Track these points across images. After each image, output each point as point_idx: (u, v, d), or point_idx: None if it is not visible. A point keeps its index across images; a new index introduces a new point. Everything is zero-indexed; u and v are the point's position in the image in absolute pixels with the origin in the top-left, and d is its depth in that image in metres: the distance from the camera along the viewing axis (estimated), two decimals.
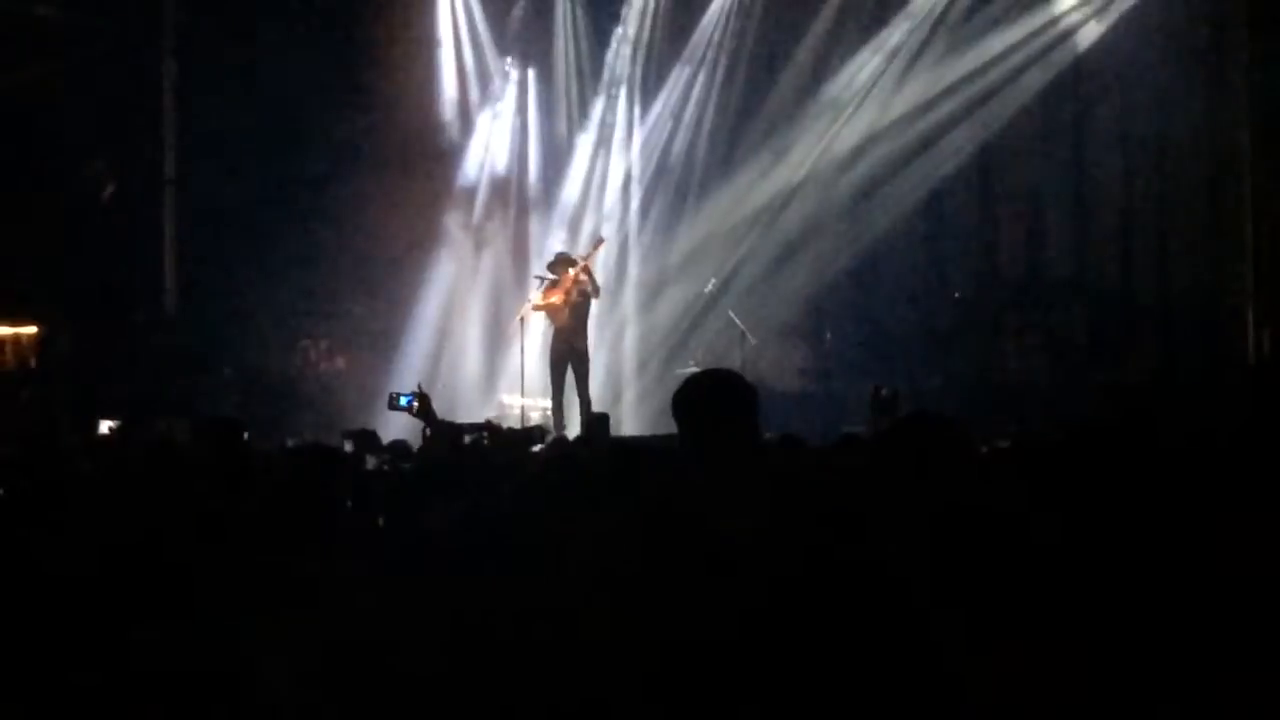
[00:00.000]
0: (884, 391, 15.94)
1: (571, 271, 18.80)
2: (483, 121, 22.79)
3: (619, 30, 22.66)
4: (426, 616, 4.05)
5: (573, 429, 17.78)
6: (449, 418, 15.15)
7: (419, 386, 15.25)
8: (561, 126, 23.11)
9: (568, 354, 18.71)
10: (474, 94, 22.72)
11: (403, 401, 15.43)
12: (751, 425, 4.50)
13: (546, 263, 19.50)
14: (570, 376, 18.70)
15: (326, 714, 3.82)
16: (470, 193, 22.63)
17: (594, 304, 19.25)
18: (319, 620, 4.08)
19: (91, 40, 19.33)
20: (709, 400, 4.49)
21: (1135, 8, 19.86)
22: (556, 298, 18.76)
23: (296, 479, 5.46)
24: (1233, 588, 3.60)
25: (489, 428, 13.08)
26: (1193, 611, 3.55)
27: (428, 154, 22.19)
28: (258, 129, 20.43)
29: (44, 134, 18.98)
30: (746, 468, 4.32)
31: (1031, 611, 3.65)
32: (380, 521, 5.61)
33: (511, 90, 22.94)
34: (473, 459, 9.41)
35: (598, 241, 20.13)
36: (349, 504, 6.37)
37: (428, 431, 12.32)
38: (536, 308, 19.24)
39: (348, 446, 10.46)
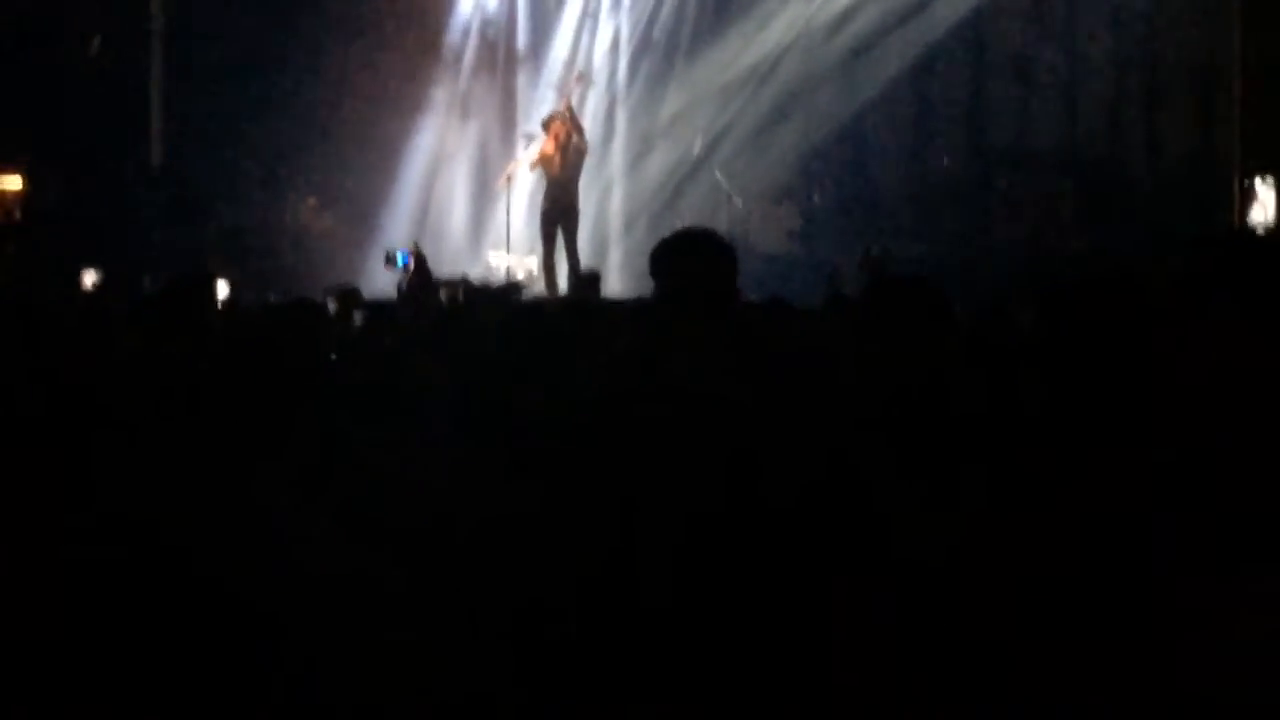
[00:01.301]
0: (873, 250, 15.98)
1: (558, 121, 18.71)
2: None
3: None
4: (394, 473, 4.07)
5: (564, 286, 17.76)
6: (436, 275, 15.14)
7: (414, 244, 15.24)
8: None
9: (559, 211, 18.59)
10: None
11: (399, 259, 15.47)
12: (729, 285, 4.49)
13: (541, 121, 19.40)
14: (559, 236, 18.63)
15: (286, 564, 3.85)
16: (458, 51, 22.48)
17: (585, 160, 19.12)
18: (293, 474, 4.10)
19: None
20: (685, 257, 4.47)
21: None
22: (548, 145, 18.65)
23: (277, 333, 5.45)
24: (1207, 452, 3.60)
25: (464, 283, 13.05)
26: (1169, 484, 3.55)
27: (416, 11, 22.02)
28: None
29: None
30: (720, 327, 4.31)
31: (1005, 479, 3.66)
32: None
33: None
34: (445, 314, 9.41)
35: (577, 76, 19.96)
36: (333, 358, 6.36)
37: (403, 286, 12.32)
38: (532, 165, 19.16)
39: (331, 305, 10.45)
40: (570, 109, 18.80)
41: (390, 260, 15.79)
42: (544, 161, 18.69)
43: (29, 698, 3.70)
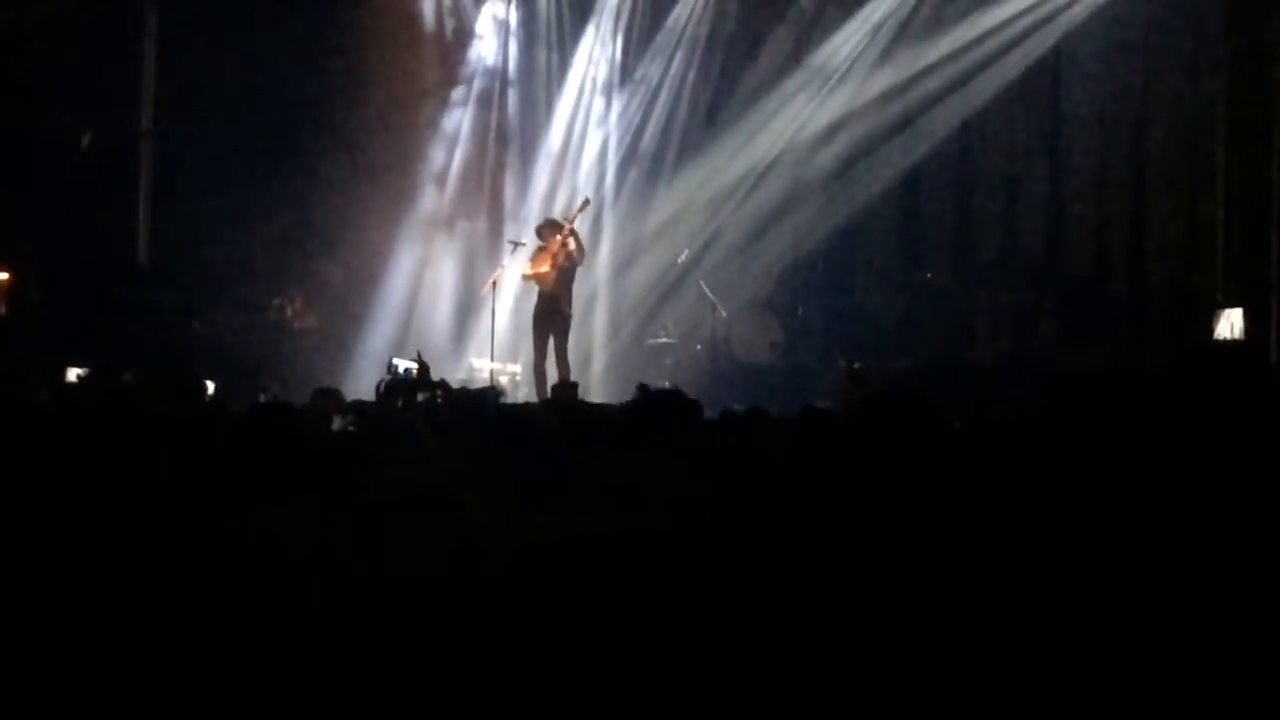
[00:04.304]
0: (856, 365, 16.03)
1: (558, 237, 18.82)
2: (461, 86, 22.71)
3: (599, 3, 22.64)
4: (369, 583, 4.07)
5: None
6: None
7: (418, 355, 15.29)
8: (540, 94, 23.05)
9: (551, 319, 18.71)
10: (454, 56, 22.69)
11: (401, 371, 15.51)
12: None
13: (535, 227, 19.51)
14: (550, 342, 18.73)
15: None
16: (448, 153, 22.54)
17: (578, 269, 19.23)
18: (275, 575, 4.10)
19: None
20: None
21: None
22: (545, 265, 18.77)
23: (259, 435, 5.46)
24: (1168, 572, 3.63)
25: (442, 387, 13.05)
26: (1134, 596, 3.58)
27: (405, 116, 22.12)
28: (236, 85, 20.37)
29: (22, 81, 18.90)
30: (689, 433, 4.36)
31: (978, 588, 3.68)
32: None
33: (492, 44, 22.88)
34: (422, 417, 9.41)
35: (583, 203, 20.13)
36: (316, 460, 6.35)
37: (382, 388, 12.34)
38: (526, 277, 19.26)
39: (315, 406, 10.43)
40: (574, 231, 18.93)
41: (393, 371, 15.86)
42: (538, 278, 18.79)
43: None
